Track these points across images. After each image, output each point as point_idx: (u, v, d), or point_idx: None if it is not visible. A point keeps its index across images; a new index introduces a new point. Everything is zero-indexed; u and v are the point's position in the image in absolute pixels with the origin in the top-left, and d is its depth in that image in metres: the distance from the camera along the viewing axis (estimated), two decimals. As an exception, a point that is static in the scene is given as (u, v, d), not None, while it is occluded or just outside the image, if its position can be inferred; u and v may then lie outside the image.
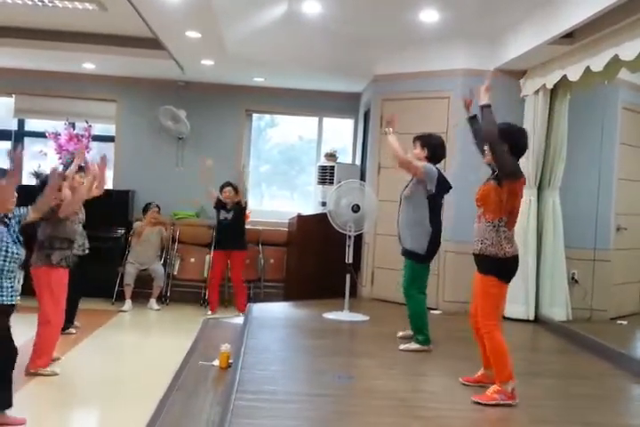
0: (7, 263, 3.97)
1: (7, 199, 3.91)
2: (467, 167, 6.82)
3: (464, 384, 4.22)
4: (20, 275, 4.25)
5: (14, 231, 4.05)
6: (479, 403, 3.87)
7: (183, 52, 7.31)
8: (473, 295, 4.17)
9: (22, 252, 4.10)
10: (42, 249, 5.11)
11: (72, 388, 4.90)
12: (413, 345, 5.12)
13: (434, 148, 5.17)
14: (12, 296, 4.00)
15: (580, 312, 6.57)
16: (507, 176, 3.90)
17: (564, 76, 5.88)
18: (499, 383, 3.92)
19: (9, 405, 4.03)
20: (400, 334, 5.45)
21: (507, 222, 3.93)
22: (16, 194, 3.99)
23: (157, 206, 8.37)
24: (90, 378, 5.18)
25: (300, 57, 7.50)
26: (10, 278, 3.99)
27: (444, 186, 5.14)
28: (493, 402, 3.86)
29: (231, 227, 7.86)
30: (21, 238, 4.11)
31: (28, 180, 8.41)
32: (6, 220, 4.00)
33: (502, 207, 3.91)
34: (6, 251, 3.96)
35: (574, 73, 5.69)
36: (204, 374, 5.04)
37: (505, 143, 3.90)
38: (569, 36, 5.45)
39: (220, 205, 7.93)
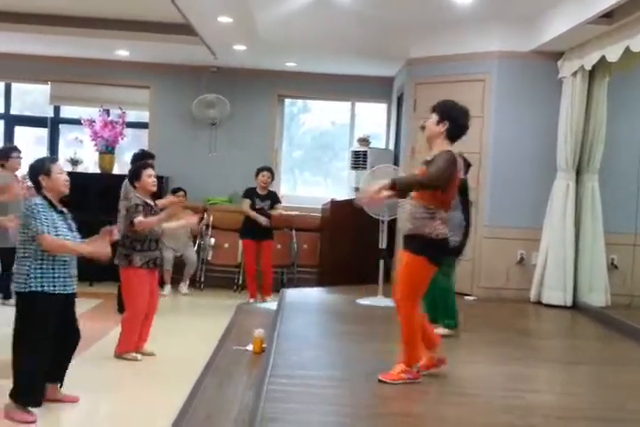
0: None
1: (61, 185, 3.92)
2: (505, 155, 6.75)
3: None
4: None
5: (71, 219, 3.97)
6: (384, 382, 3.75)
7: (215, 38, 7.30)
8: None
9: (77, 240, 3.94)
10: (121, 247, 5.02)
11: (108, 368, 4.96)
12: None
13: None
14: (65, 286, 3.81)
15: (619, 298, 6.45)
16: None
17: (603, 57, 5.73)
18: (406, 366, 3.78)
19: (28, 403, 3.77)
20: None
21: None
22: (68, 178, 3.97)
23: (184, 191, 8.37)
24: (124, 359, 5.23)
25: (332, 41, 7.43)
26: (60, 267, 3.80)
27: None
28: (400, 381, 3.76)
29: (266, 217, 7.50)
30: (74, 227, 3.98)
31: (64, 166, 8.49)
32: (62, 209, 3.92)
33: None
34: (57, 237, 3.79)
35: (613, 53, 5.54)
36: (238, 358, 5.05)
37: (446, 123, 3.72)
38: (608, 16, 5.30)
39: (252, 193, 7.55)
